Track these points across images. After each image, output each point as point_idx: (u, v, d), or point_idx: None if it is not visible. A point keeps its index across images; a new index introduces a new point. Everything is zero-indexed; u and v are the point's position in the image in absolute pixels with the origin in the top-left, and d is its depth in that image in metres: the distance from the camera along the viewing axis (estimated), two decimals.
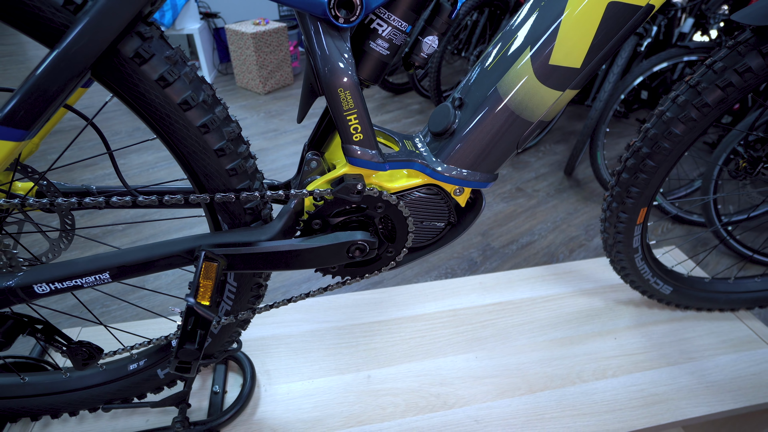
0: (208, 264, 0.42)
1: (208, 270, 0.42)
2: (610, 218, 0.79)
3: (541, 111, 0.48)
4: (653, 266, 0.87)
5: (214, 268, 0.42)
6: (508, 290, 1.03)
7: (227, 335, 0.65)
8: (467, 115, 0.50)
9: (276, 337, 0.91)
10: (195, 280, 0.42)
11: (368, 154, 0.47)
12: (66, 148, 0.51)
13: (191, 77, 0.43)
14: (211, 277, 0.42)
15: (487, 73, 0.49)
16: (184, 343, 0.40)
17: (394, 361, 0.87)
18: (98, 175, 2.31)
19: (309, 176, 0.52)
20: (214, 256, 0.43)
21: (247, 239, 0.49)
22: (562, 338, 0.92)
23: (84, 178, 2.30)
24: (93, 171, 2.32)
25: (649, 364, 0.86)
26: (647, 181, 0.70)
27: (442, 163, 0.51)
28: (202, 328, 0.40)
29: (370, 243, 0.50)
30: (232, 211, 0.50)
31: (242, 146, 0.48)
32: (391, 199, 0.50)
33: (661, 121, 0.65)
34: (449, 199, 0.55)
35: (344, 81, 0.43)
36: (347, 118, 0.45)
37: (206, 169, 0.47)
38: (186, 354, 0.40)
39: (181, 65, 0.42)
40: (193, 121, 0.43)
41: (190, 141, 0.45)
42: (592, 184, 2.26)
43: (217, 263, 0.43)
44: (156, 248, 0.46)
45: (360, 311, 0.97)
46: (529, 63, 0.45)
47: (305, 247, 0.49)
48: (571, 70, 0.46)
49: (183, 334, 0.40)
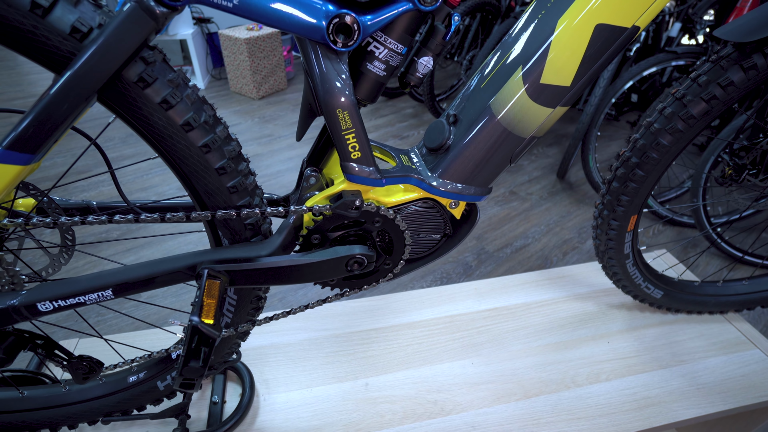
0: (211, 282, 0.43)
1: (211, 288, 0.43)
2: (602, 225, 0.81)
3: (533, 127, 0.50)
4: (644, 271, 0.89)
5: (217, 286, 0.43)
6: (503, 296, 1.05)
7: (227, 347, 0.66)
8: (461, 131, 0.51)
9: (274, 346, 0.92)
10: (199, 299, 0.42)
11: (366, 170, 0.49)
12: (69, 167, 0.52)
13: (193, 99, 0.44)
14: (214, 295, 0.42)
15: (480, 90, 0.50)
16: (189, 361, 0.41)
17: (391, 368, 0.88)
18: (92, 182, 2.30)
19: (308, 192, 0.53)
20: (217, 274, 0.44)
21: (247, 255, 0.50)
22: (556, 343, 0.93)
23: (78, 186, 2.29)
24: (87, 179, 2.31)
25: (641, 367, 0.88)
26: (637, 189, 0.72)
27: (437, 178, 0.53)
28: (207, 346, 0.41)
29: (369, 256, 0.52)
30: (233, 227, 0.51)
31: (242, 164, 0.49)
32: (389, 214, 0.52)
33: (649, 132, 0.67)
34: (445, 212, 0.57)
35: (342, 102, 0.45)
36: (345, 137, 0.46)
37: (207, 187, 0.48)
38: (191, 372, 0.41)
39: (183, 87, 0.43)
40: (195, 141, 0.44)
41: (192, 160, 0.46)
42: (584, 187, 2.29)
43: (219, 281, 0.44)
44: (158, 265, 0.47)
45: (357, 319, 0.98)
46: (521, 81, 0.47)
47: (305, 261, 0.50)
48: (561, 89, 0.47)
49: (188, 352, 0.41)
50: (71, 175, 2.28)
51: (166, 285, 0.48)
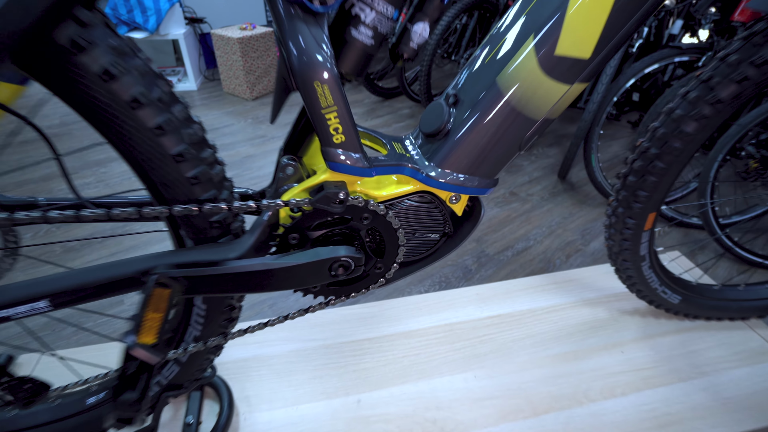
0: (159, 291, 0.35)
1: (158, 299, 0.35)
2: (616, 224, 0.74)
3: (547, 107, 0.42)
4: (661, 274, 0.81)
5: (167, 297, 0.35)
6: (506, 301, 0.97)
7: (198, 363, 0.58)
8: (463, 113, 0.44)
9: (257, 358, 0.84)
10: (139, 313, 0.35)
11: (351, 157, 0.41)
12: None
13: (143, 71, 0.36)
14: (161, 308, 0.35)
15: (485, 66, 0.43)
16: (123, 391, 0.33)
17: (386, 382, 0.80)
18: (80, 184, 2.21)
19: (285, 184, 0.46)
20: (167, 281, 0.36)
21: (212, 258, 0.42)
22: (566, 353, 0.86)
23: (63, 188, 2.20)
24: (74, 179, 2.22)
25: (659, 380, 0.81)
26: (656, 183, 0.64)
27: (435, 168, 0.45)
28: (146, 373, 0.33)
29: (356, 259, 0.44)
30: (196, 225, 0.44)
31: (206, 151, 0.42)
32: (379, 209, 0.44)
33: (671, 119, 0.60)
34: (444, 207, 0.49)
35: (321, 73, 0.37)
36: (326, 117, 0.39)
37: (164, 178, 0.40)
38: (124, 405, 0.33)
39: (130, 57, 0.36)
40: (145, 121, 0.37)
41: (144, 145, 0.38)
42: (586, 187, 2.23)
43: (170, 289, 0.36)
44: (103, 270, 0.39)
45: (349, 327, 0.90)
46: (533, 53, 0.40)
47: (280, 265, 0.42)
48: (579, 61, 0.40)
49: (121, 381, 0.33)
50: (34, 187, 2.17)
51: (116, 294, 0.41)
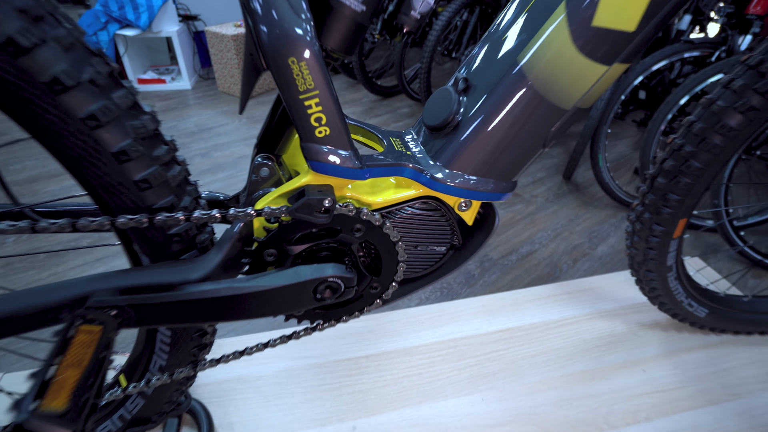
0: (85, 331, 0.27)
1: (82, 343, 0.27)
2: (641, 231, 0.66)
3: (579, 93, 0.34)
4: (687, 286, 0.74)
5: (95, 339, 0.27)
6: (515, 314, 0.90)
7: (166, 396, 0.50)
8: (476, 101, 0.36)
9: (242, 379, 0.76)
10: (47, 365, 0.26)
11: (339, 155, 0.33)
12: None
13: (69, 43, 0.28)
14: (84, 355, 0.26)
15: (503, 43, 0.35)
16: None
17: (384, 406, 0.72)
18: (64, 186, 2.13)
19: (259, 188, 0.38)
20: (96, 316, 0.28)
21: (168, 279, 0.34)
22: (582, 372, 0.78)
23: (48, 190, 2.12)
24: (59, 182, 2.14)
25: (687, 402, 0.73)
26: (690, 186, 0.57)
27: (442, 168, 0.37)
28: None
29: (346, 279, 0.36)
30: (152, 239, 0.36)
31: (161, 148, 0.34)
32: (374, 219, 0.36)
33: (711, 111, 0.52)
34: (452, 215, 0.41)
35: (298, 48, 0.29)
36: (305, 104, 0.31)
37: (104, 181, 0.32)
38: None
39: (50, 24, 0.28)
40: (73, 109, 0.29)
41: (74, 140, 0.30)
42: (592, 188, 2.15)
43: (103, 326, 0.28)
44: (24, 298, 0.31)
45: (343, 344, 0.82)
46: (565, 25, 0.32)
47: (252, 289, 0.34)
48: (622, 35, 0.32)
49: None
50: (19, 189, 2.08)
51: (42, 327, 0.33)
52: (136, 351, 0.47)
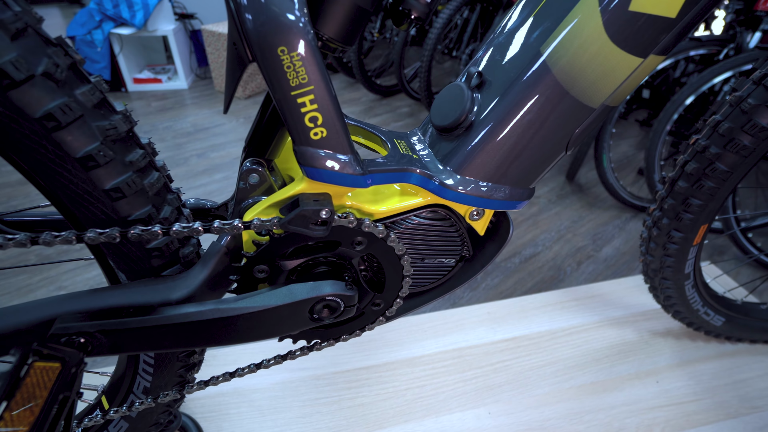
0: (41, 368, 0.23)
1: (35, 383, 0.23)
2: (658, 238, 0.62)
3: (610, 88, 0.31)
4: (704, 294, 0.70)
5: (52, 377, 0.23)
6: (522, 321, 0.86)
7: (151, 418, 0.46)
8: (492, 98, 0.32)
9: (237, 392, 0.72)
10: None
11: (337, 160, 0.30)
12: None
13: (16, 28, 0.24)
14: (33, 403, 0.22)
15: (524, 32, 0.31)
16: None
17: (386, 421, 0.69)
18: None
19: (248, 197, 0.34)
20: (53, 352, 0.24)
21: (146, 300, 0.30)
22: (593, 383, 0.74)
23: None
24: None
25: (704, 416, 0.69)
26: (714, 190, 0.53)
27: (453, 174, 0.33)
28: None
29: (346, 298, 0.33)
30: (127, 254, 0.32)
31: (135, 152, 0.30)
32: (377, 231, 0.33)
33: (740, 110, 0.49)
34: (462, 224, 0.38)
35: (289, 35, 0.25)
36: (298, 102, 0.27)
37: (70, 191, 0.28)
38: None
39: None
40: (26, 107, 0.25)
41: (30, 144, 0.26)
42: (595, 189, 2.12)
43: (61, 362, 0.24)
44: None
45: (343, 354, 0.79)
46: (597, 10, 0.28)
47: (241, 311, 0.30)
48: (662, 22, 0.28)
49: None
50: (10, 191, 2.03)
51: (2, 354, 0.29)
52: (118, 371, 0.44)
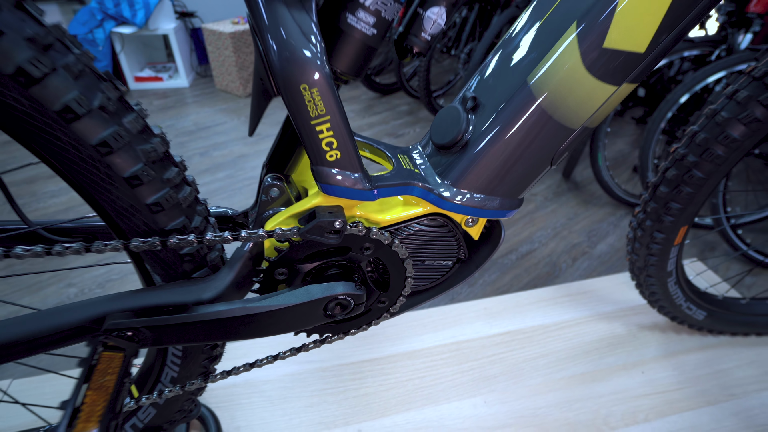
0: (108, 357, 0.28)
1: (106, 369, 0.27)
2: (642, 238, 0.67)
3: (588, 113, 0.35)
4: (687, 290, 0.75)
5: (117, 364, 0.28)
6: (516, 316, 0.91)
7: (177, 405, 0.51)
8: (485, 120, 0.36)
9: (248, 384, 0.77)
10: (76, 392, 0.27)
11: (349, 178, 0.34)
12: None
13: (77, 70, 0.28)
14: (107, 381, 0.27)
15: (512, 62, 0.35)
16: None
17: (389, 409, 0.73)
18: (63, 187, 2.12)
19: (269, 208, 0.38)
20: (118, 342, 0.29)
21: (181, 299, 0.35)
22: (582, 374, 0.79)
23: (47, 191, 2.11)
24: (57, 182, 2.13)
25: (685, 403, 0.74)
26: (692, 195, 0.57)
27: (450, 187, 0.38)
28: None
29: (356, 297, 0.37)
30: (164, 260, 0.36)
31: (171, 170, 0.34)
32: (383, 238, 0.37)
33: (714, 122, 0.53)
34: (459, 230, 0.42)
35: (310, 74, 0.30)
36: (316, 129, 0.31)
37: (117, 205, 0.33)
38: None
39: (59, 53, 0.28)
40: (85, 137, 0.29)
41: (86, 166, 0.30)
42: (591, 186, 2.16)
43: (123, 352, 0.29)
44: (44, 319, 0.32)
45: (347, 348, 0.83)
46: (575, 45, 0.32)
47: (265, 309, 0.35)
48: (632, 57, 0.33)
49: None
50: (16, 190, 2.06)
51: (61, 346, 0.33)
52: (147, 362, 0.48)
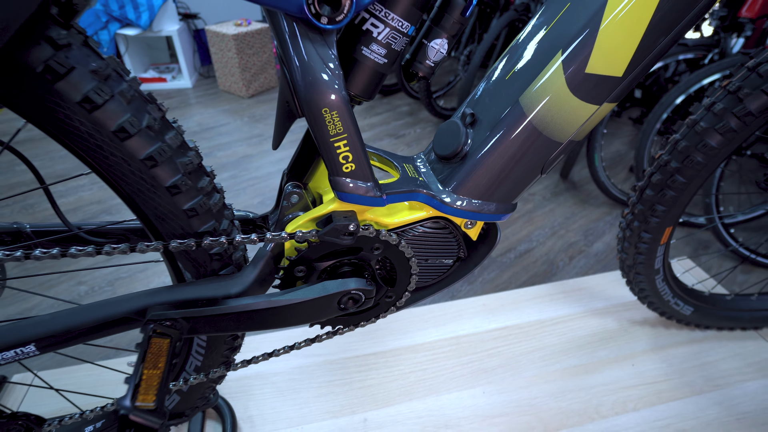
0: (157, 342, 0.32)
1: (157, 351, 0.32)
2: (630, 238, 0.71)
3: (573, 129, 0.39)
4: (674, 286, 0.79)
5: (165, 347, 0.33)
6: (513, 312, 0.95)
7: (199, 393, 0.55)
8: (482, 134, 0.41)
9: (260, 376, 0.81)
10: (136, 370, 0.32)
11: (362, 187, 0.38)
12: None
13: (130, 96, 0.33)
14: (158, 363, 0.32)
15: (506, 83, 0.40)
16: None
17: (392, 399, 0.78)
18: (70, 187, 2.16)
19: (289, 212, 0.42)
20: (164, 330, 0.33)
21: (212, 294, 0.39)
22: (576, 366, 0.84)
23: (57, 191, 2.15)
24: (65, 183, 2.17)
25: (672, 393, 0.79)
26: (675, 198, 0.62)
27: (451, 193, 0.42)
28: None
29: (366, 291, 0.41)
30: (195, 259, 0.41)
31: (203, 179, 0.39)
32: (391, 239, 0.41)
33: (694, 131, 0.57)
34: (458, 232, 0.46)
35: (330, 99, 0.34)
36: (335, 145, 0.36)
37: (158, 211, 0.37)
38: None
39: (115, 81, 0.32)
40: (135, 152, 0.34)
41: (134, 177, 0.35)
42: (588, 186, 2.20)
43: (169, 338, 0.33)
44: (94, 310, 0.36)
45: (353, 342, 0.88)
46: (561, 71, 0.37)
47: (286, 302, 0.39)
48: (611, 80, 0.37)
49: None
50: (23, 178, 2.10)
51: (108, 334, 0.38)
52: (174, 375, 0.52)
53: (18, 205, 1.99)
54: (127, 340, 1.26)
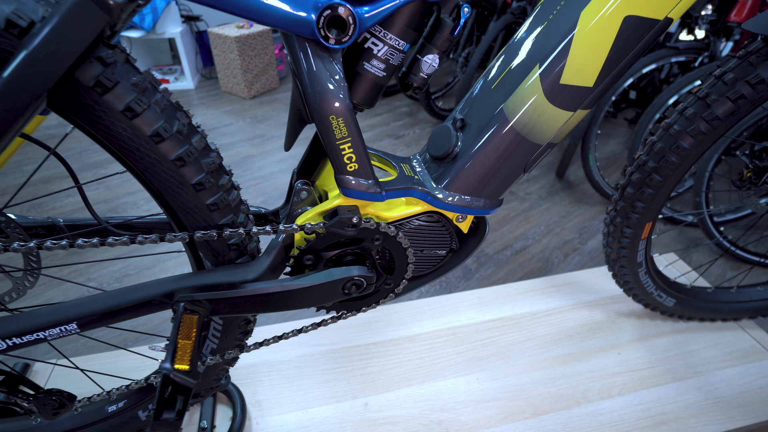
0: (188, 318, 0.37)
1: (188, 325, 0.37)
2: (614, 233, 0.76)
3: (550, 133, 0.44)
4: (657, 279, 0.84)
5: (195, 321, 0.37)
6: (507, 305, 1.00)
7: (214, 374, 0.60)
8: (470, 137, 0.46)
9: (267, 364, 0.86)
10: (172, 340, 0.37)
11: (364, 184, 0.43)
12: (25, 181, 0.46)
13: (163, 105, 0.38)
14: (190, 335, 0.37)
15: (491, 92, 0.45)
16: (162, 413, 0.35)
17: (392, 385, 0.83)
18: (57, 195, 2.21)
19: (299, 207, 0.47)
20: (194, 307, 0.38)
21: (231, 279, 0.44)
22: (565, 355, 0.89)
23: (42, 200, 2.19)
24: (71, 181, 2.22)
25: (654, 380, 0.84)
26: (653, 195, 0.67)
27: (443, 190, 0.47)
28: (182, 395, 0.36)
29: (368, 278, 0.46)
30: (215, 248, 0.46)
31: (224, 177, 0.44)
32: (390, 231, 0.46)
33: (668, 134, 0.62)
34: (451, 225, 0.51)
35: (336, 107, 0.39)
36: (340, 147, 0.41)
37: (184, 205, 0.42)
38: (164, 425, 0.35)
39: (151, 92, 0.37)
40: (167, 154, 0.39)
41: (165, 176, 0.40)
42: (583, 186, 2.25)
43: (198, 315, 0.38)
44: (128, 293, 0.41)
45: (355, 332, 0.93)
46: (538, 82, 0.42)
47: (297, 286, 0.44)
48: (583, 90, 0.42)
49: (160, 404, 0.35)
50: (33, 189, 2.16)
51: (140, 315, 0.43)
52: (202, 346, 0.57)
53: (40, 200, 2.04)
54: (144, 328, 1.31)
